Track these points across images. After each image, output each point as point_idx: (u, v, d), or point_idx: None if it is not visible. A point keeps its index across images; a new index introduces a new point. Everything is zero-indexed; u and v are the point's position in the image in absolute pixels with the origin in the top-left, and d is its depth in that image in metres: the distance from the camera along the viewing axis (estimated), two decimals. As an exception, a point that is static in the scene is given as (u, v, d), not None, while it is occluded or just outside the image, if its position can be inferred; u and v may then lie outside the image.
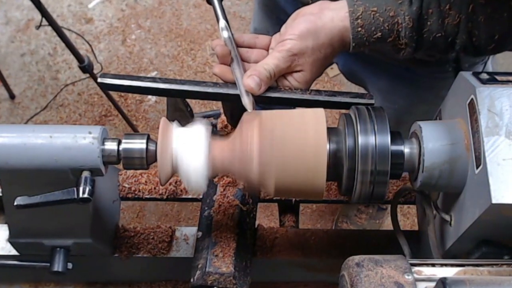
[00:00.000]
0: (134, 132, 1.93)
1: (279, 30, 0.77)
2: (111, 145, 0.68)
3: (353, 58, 1.06)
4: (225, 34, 0.75)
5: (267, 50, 0.77)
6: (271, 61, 0.71)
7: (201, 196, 0.90)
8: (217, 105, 0.85)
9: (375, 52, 0.95)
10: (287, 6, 1.03)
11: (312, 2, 0.76)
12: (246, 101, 0.71)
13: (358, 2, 0.69)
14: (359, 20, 0.69)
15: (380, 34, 0.69)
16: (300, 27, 0.71)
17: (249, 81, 0.70)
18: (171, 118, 0.71)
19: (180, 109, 0.82)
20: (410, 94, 1.04)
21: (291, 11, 0.76)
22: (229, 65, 0.74)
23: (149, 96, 2.08)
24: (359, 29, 0.69)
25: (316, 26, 0.70)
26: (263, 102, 0.74)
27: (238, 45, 0.77)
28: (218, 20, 0.77)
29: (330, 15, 0.70)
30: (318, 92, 0.74)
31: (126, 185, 0.93)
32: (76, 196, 0.66)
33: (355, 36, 0.69)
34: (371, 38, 0.69)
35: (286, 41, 0.71)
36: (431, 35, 0.69)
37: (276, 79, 0.73)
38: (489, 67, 0.99)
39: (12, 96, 2.10)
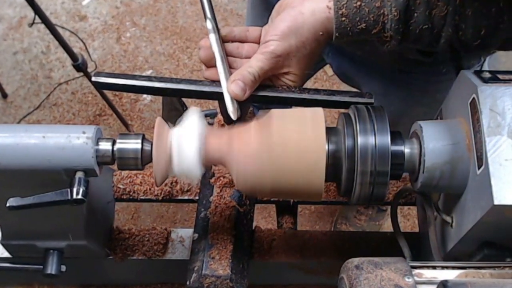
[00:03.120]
0: (129, 132, 1.92)
1: None
2: (105, 145, 0.67)
3: (347, 60, 1.05)
4: (211, 37, 0.74)
5: (258, 43, 0.75)
6: (255, 64, 0.70)
7: (197, 197, 0.89)
8: (214, 104, 0.84)
9: (374, 56, 0.94)
10: None
11: None
12: (231, 109, 0.70)
13: None
14: (343, 10, 0.67)
15: (364, 25, 0.67)
16: (281, 27, 0.69)
17: (233, 87, 0.69)
18: (166, 118, 0.70)
19: (176, 108, 0.81)
20: (405, 97, 1.03)
21: None
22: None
23: (144, 95, 2.07)
24: (343, 19, 0.67)
25: (297, 23, 0.69)
26: (260, 101, 0.73)
27: (229, 40, 0.75)
28: (205, 19, 0.76)
29: (311, 7, 0.68)
30: (317, 91, 0.73)
31: (121, 186, 0.92)
32: (69, 197, 0.66)
33: (338, 26, 0.68)
34: (355, 28, 0.68)
35: (269, 42, 0.70)
36: (417, 27, 0.67)
37: (263, 80, 0.72)
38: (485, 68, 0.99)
39: (4, 95, 2.08)
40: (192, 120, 0.66)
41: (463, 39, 0.68)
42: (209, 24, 0.75)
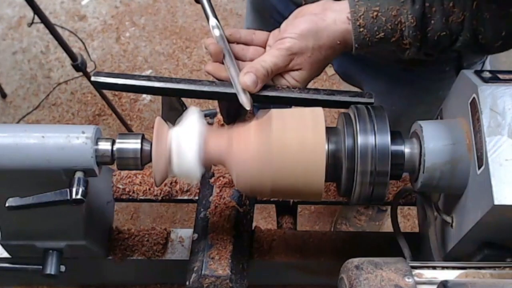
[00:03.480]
0: (128, 131, 1.91)
1: (271, 30, 0.76)
2: (104, 145, 0.67)
3: (348, 59, 1.05)
4: (216, 32, 0.74)
5: (264, 47, 0.76)
6: (269, 59, 0.70)
7: (197, 197, 0.89)
8: (213, 104, 0.84)
9: (376, 55, 0.94)
10: (278, 5, 1.01)
11: (305, 3, 0.74)
12: (244, 100, 0.70)
13: (359, 2, 0.68)
14: (360, 21, 0.68)
15: (383, 34, 0.68)
16: (301, 26, 0.70)
17: (245, 78, 0.69)
18: (166, 118, 0.70)
19: (175, 108, 0.81)
20: (407, 95, 1.03)
21: (283, 10, 0.75)
22: (223, 63, 0.73)
23: (144, 95, 2.06)
24: (361, 29, 0.68)
25: (318, 27, 0.69)
26: (260, 101, 0.73)
27: (235, 41, 0.75)
28: (208, 18, 0.76)
29: (332, 16, 0.69)
30: (317, 91, 0.73)
31: (120, 186, 0.92)
32: (69, 197, 0.65)
33: (357, 37, 0.69)
34: (373, 38, 0.68)
35: (286, 39, 0.70)
36: (435, 34, 0.68)
37: (273, 77, 0.72)
38: (487, 67, 0.99)
39: (3, 95, 2.08)
40: (192, 120, 0.66)
41: (483, 42, 0.68)
42: (212, 22, 0.74)
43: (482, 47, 0.70)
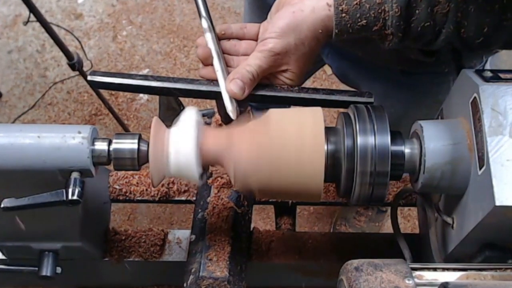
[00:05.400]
0: (125, 131, 1.91)
1: None
2: (101, 145, 0.67)
3: (347, 62, 1.04)
4: (208, 36, 0.73)
5: (256, 40, 0.74)
6: (253, 62, 0.69)
7: (194, 198, 0.88)
8: (211, 104, 0.83)
9: (375, 57, 0.93)
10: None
11: None
12: (230, 109, 0.70)
13: None
14: (343, 6, 0.66)
15: (365, 21, 0.66)
16: (280, 24, 0.68)
17: (231, 86, 0.69)
18: (163, 117, 0.70)
19: (172, 108, 0.81)
20: (406, 98, 1.02)
21: None
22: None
23: (141, 95, 2.06)
24: (343, 15, 0.66)
25: (297, 20, 0.68)
26: (258, 101, 0.72)
27: (227, 37, 0.75)
28: (200, 17, 0.75)
29: (311, 4, 0.67)
30: (316, 90, 0.73)
31: (117, 187, 0.91)
32: (65, 198, 0.65)
33: (338, 22, 0.67)
34: (355, 25, 0.67)
35: (267, 40, 0.69)
36: (419, 25, 0.66)
37: (261, 79, 0.71)
38: (488, 67, 0.98)
39: (-1, 95, 2.07)
40: (190, 119, 0.65)
41: (465, 36, 0.67)
42: (204, 23, 0.74)
43: (464, 42, 0.68)
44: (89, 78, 0.73)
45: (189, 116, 0.66)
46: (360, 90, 1.08)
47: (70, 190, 0.65)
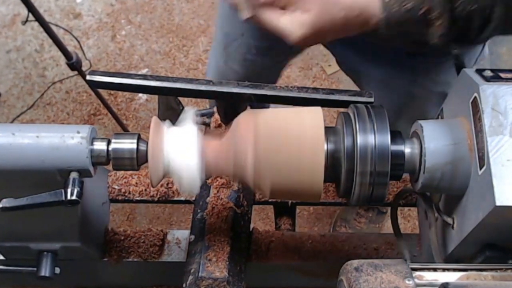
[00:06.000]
0: (124, 131, 1.90)
1: None
2: (100, 145, 0.66)
3: (352, 51, 1.03)
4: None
5: None
6: None
7: (193, 198, 0.88)
8: (211, 104, 0.83)
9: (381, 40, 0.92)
10: None
11: None
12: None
13: None
14: None
15: (411, 4, 0.64)
16: None
17: None
18: (162, 117, 0.69)
19: (172, 107, 0.80)
20: (408, 81, 1.01)
21: None
22: None
23: (140, 94, 2.05)
24: (389, 0, 0.65)
25: None
26: (258, 100, 0.72)
27: None
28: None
29: None
30: (316, 90, 0.72)
31: (116, 187, 0.91)
32: (64, 198, 0.65)
33: (385, 7, 0.65)
34: (401, 8, 0.65)
35: None
36: (465, 8, 0.64)
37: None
38: (487, 65, 0.98)
39: (-3, 94, 2.06)
40: (189, 119, 0.65)
41: None
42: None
43: None
44: (88, 77, 0.73)
45: (189, 116, 0.65)
46: (362, 78, 1.08)
47: (69, 190, 0.64)
